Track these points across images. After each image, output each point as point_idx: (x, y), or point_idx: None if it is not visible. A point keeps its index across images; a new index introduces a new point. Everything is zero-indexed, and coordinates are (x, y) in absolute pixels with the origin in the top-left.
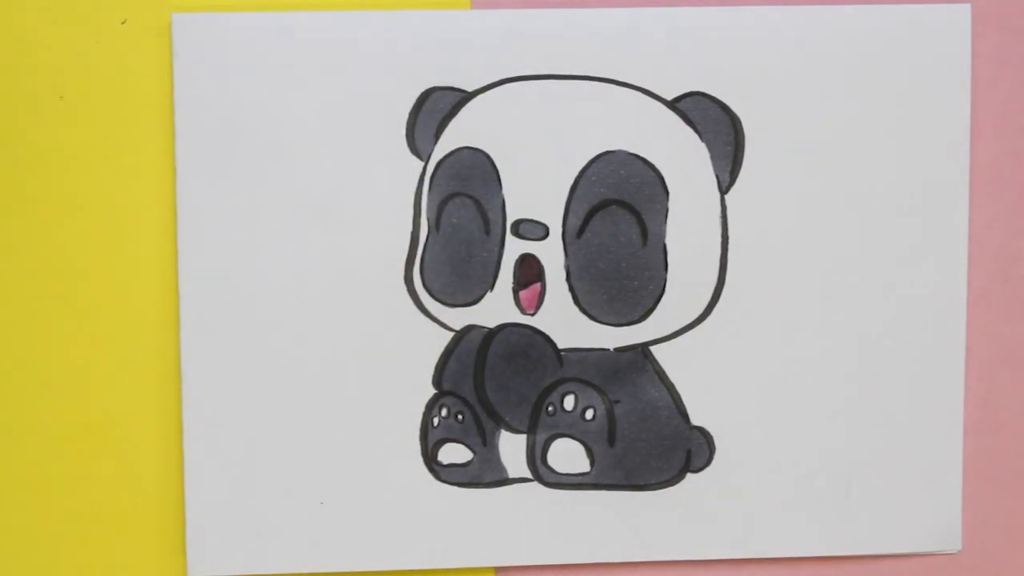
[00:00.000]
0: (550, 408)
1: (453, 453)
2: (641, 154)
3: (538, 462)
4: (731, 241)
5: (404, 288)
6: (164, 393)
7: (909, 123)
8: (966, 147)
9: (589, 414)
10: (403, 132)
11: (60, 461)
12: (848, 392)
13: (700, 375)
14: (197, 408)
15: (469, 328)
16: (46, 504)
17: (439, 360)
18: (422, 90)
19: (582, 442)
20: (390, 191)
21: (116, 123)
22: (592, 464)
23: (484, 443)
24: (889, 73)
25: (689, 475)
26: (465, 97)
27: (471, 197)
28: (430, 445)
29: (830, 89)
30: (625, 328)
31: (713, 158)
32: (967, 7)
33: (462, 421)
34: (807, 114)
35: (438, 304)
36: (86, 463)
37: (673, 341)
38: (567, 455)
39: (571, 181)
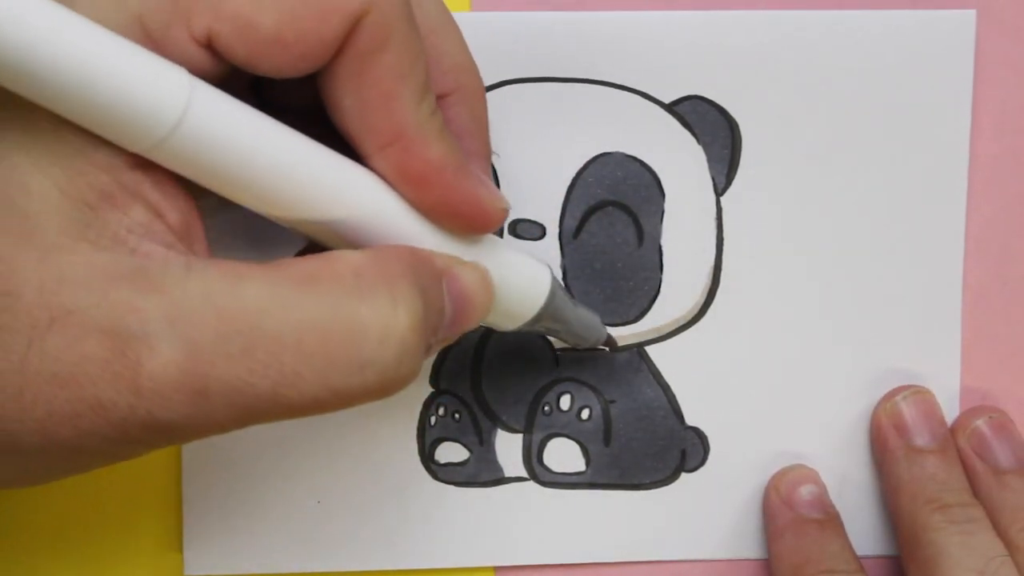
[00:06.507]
0: (546, 407)
1: (450, 452)
2: (638, 156)
3: (534, 461)
4: (726, 242)
5: None
6: None
7: (908, 129)
8: (965, 153)
9: (585, 414)
10: None
11: None
12: (844, 393)
13: (695, 375)
14: None
15: None
16: (42, 501)
17: (436, 359)
18: None
19: (578, 441)
20: None
21: None
22: (588, 464)
23: (481, 442)
24: (889, 79)
25: (684, 475)
26: None
27: None
28: (427, 444)
29: (828, 94)
30: (620, 328)
31: (709, 160)
32: (971, 13)
33: (459, 420)
34: (805, 118)
35: None
36: None
37: (668, 341)
38: (563, 454)
39: (568, 182)
